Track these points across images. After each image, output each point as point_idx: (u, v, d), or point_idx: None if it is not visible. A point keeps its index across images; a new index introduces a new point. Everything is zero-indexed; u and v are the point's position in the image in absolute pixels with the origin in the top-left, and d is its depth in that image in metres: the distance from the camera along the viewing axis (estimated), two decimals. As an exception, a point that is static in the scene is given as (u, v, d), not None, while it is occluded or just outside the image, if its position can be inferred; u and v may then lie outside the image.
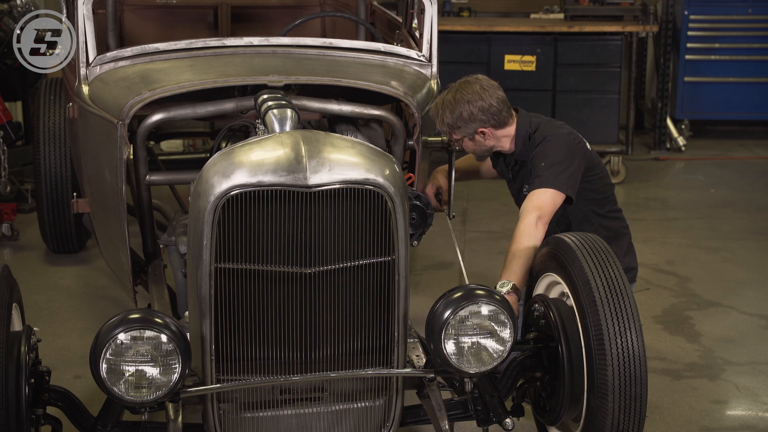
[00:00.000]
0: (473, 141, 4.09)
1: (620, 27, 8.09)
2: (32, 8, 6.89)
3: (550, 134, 4.08)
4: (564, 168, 3.97)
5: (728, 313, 5.34)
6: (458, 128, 4.02)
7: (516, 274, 3.76)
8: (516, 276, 3.75)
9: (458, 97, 3.99)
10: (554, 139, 4.06)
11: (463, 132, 4.04)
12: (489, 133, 4.07)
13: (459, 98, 3.99)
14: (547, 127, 4.13)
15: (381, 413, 3.33)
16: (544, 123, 4.16)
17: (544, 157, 4.01)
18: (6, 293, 3.24)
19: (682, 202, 7.37)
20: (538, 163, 4.02)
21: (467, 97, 3.99)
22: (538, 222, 3.87)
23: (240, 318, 3.13)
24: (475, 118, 4.00)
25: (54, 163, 5.78)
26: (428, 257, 6.09)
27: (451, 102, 3.99)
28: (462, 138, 4.07)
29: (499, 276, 3.79)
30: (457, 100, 3.99)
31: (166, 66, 3.98)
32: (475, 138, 4.07)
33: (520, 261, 3.78)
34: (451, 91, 4.03)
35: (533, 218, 3.87)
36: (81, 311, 5.31)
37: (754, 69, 8.98)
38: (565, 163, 3.99)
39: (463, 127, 4.02)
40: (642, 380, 3.25)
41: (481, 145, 4.12)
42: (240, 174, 3.02)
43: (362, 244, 3.14)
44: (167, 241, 3.87)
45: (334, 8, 6.26)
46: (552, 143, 4.04)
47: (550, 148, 4.03)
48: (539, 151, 4.04)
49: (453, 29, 8.09)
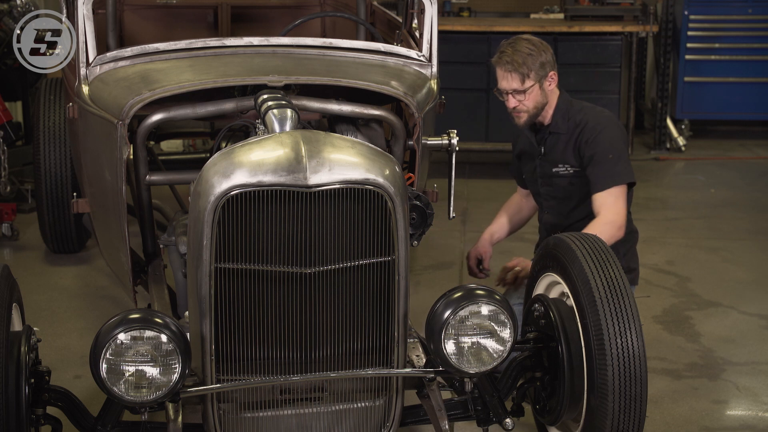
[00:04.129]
0: (541, 89, 4.23)
1: (620, 27, 8.09)
2: (32, 8, 6.89)
3: (603, 120, 4.28)
4: (626, 156, 4.26)
5: (728, 313, 5.34)
6: (534, 72, 4.19)
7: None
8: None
9: (532, 48, 4.20)
10: (610, 125, 4.28)
11: (538, 76, 4.20)
12: (554, 78, 4.27)
13: (533, 48, 4.20)
14: (589, 109, 4.34)
15: (381, 413, 3.33)
16: (576, 101, 4.38)
17: (606, 149, 4.20)
18: (6, 293, 3.24)
19: (682, 202, 7.37)
20: (603, 153, 4.19)
21: (539, 46, 4.23)
22: (610, 224, 4.11)
23: (240, 318, 3.13)
24: (548, 61, 4.24)
25: (54, 163, 5.78)
26: (428, 257, 6.09)
27: (528, 49, 4.19)
28: (532, 86, 4.20)
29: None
30: (535, 46, 4.21)
31: (166, 66, 3.98)
32: (543, 85, 4.23)
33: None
34: (515, 45, 4.21)
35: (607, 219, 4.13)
36: (81, 311, 5.31)
37: (754, 69, 8.98)
38: (625, 150, 4.28)
39: (538, 70, 4.20)
40: (642, 380, 3.25)
41: (543, 98, 4.26)
42: (240, 174, 3.02)
43: (362, 244, 3.14)
44: (167, 241, 3.87)
45: (334, 8, 6.26)
46: (611, 131, 4.25)
47: (611, 136, 4.24)
48: (602, 139, 4.21)
49: (453, 29, 8.09)
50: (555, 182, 4.37)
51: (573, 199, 4.36)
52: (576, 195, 4.35)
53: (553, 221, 4.44)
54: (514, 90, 4.23)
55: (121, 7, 6.14)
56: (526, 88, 4.21)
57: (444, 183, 4.19)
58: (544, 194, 4.43)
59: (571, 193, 4.36)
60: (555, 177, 4.36)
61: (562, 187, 4.36)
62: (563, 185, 4.35)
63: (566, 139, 4.30)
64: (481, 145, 8.18)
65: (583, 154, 4.24)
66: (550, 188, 4.40)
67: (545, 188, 4.41)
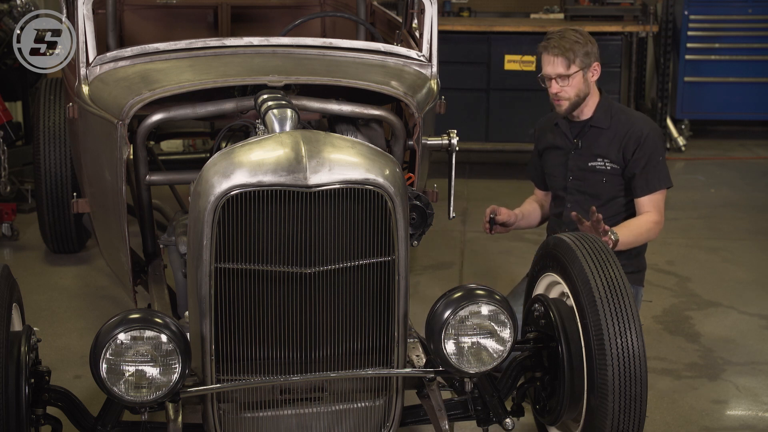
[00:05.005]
0: (584, 78, 4.30)
1: (620, 27, 8.08)
2: (32, 8, 6.88)
3: (649, 126, 4.38)
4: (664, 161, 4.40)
5: (728, 313, 5.34)
6: (580, 59, 4.27)
7: (625, 236, 4.16)
8: (624, 236, 4.16)
9: (579, 36, 4.31)
10: (655, 129, 4.40)
11: (583, 63, 4.28)
12: (597, 69, 4.35)
13: (580, 36, 4.30)
14: (630, 111, 4.52)
15: (381, 413, 3.33)
16: (617, 103, 4.60)
17: (654, 153, 4.31)
18: (6, 293, 3.24)
19: (682, 202, 7.36)
20: (651, 158, 4.30)
21: (586, 36, 4.34)
22: (657, 224, 4.31)
23: (240, 318, 3.13)
24: (593, 52, 4.33)
25: (54, 163, 5.78)
26: (428, 257, 6.09)
27: (575, 37, 4.29)
28: (576, 73, 4.27)
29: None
30: (582, 36, 4.31)
31: (166, 66, 3.98)
32: (587, 74, 4.31)
33: (633, 233, 4.22)
34: (563, 33, 4.31)
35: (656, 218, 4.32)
36: (81, 311, 5.31)
37: (754, 69, 8.97)
38: (664, 155, 4.42)
39: (583, 58, 4.28)
40: (642, 380, 3.25)
41: (585, 87, 4.33)
42: (240, 174, 3.02)
43: (362, 244, 3.14)
44: (167, 241, 3.87)
45: (334, 8, 6.26)
46: (658, 135, 4.39)
47: (657, 142, 4.35)
48: (652, 142, 4.31)
49: (453, 29, 8.08)
50: (588, 177, 4.38)
51: (601, 198, 4.38)
52: (606, 194, 4.38)
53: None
54: (558, 75, 4.28)
55: (121, 7, 6.14)
56: (570, 73, 4.26)
57: (444, 183, 4.19)
58: (572, 188, 4.43)
59: (602, 191, 4.38)
60: (590, 171, 4.38)
61: (594, 183, 4.38)
62: (596, 181, 4.38)
63: (610, 135, 4.35)
64: (481, 145, 8.18)
65: (633, 156, 4.29)
66: (580, 182, 4.41)
67: (575, 182, 4.41)
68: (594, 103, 4.40)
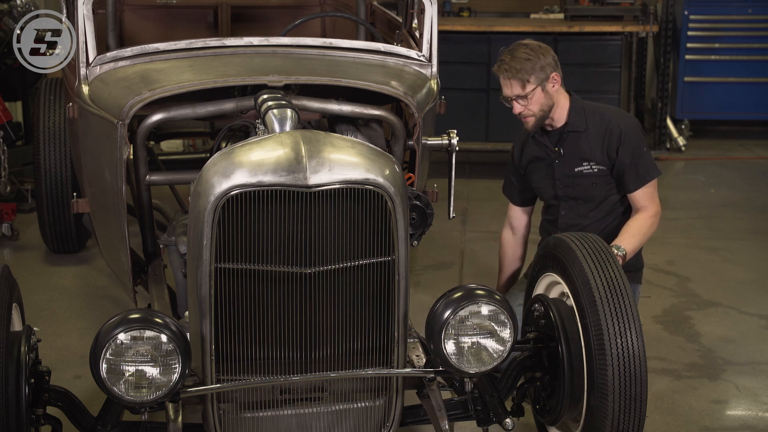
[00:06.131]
0: (544, 91, 4.24)
1: (620, 27, 8.09)
2: (32, 8, 6.88)
3: (626, 120, 4.37)
4: (649, 150, 4.39)
5: (728, 313, 5.34)
6: (534, 76, 4.21)
7: (631, 244, 4.20)
8: (630, 245, 4.20)
9: (530, 52, 4.23)
10: (631, 120, 4.41)
11: (539, 79, 4.22)
12: (557, 79, 4.27)
13: (531, 52, 4.23)
14: (605, 108, 4.46)
15: (381, 413, 3.33)
16: (587, 101, 4.46)
17: (638, 146, 4.31)
18: (6, 293, 3.24)
19: (682, 202, 7.37)
20: (636, 152, 4.28)
21: (537, 50, 4.25)
22: (656, 216, 4.32)
23: (240, 318, 3.13)
24: (548, 63, 4.25)
25: (54, 163, 5.78)
26: (428, 257, 6.09)
27: (526, 54, 4.22)
28: (534, 90, 4.21)
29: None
30: (533, 51, 4.23)
31: (166, 66, 3.98)
32: (546, 87, 4.24)
33: (637, 237, 4.23)
34: (514, 51, 4.25)
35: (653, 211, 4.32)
36: (81, 311, 5.31)
37: (754, 69, 8.98)
38: (647, 145, 4.41)
39: (538, 73, 4.22)
40: (642, 380, 3.25)
41: (548, 100, 4.27)
42: (240, 174, 3.02)
43: (362, 244, 3.14)
44: (167, 241, 3.87)
45: (334, 8, 6.26)
46: (636, 126, 4.37)
47: (637, 135, 4.33)
48: (633, 136, 4.30)
49: (453, 29, 8.09)
50: (577, 182, 4.37)
51: (594, 201, 4.38)
52: (598, 196, 4.37)
53: (571, 222, 4.42)
54: (516, 96, 4.25)
55: (121, 7, 6.14)
56: (527, 93, 4.22)
57: (444, 183, 4.19)
58: (563, 196, 4.42)
59: (594, 194, 4.37)
60: (577, 177, 4.36)
61: (585, 187, 4.37)
62: (586, 185, 4.36)
63: (589, 136, 4.33)
64: (481, 145, 8.19)
65: (617, 154, 4.28)
66: (570, 189, 4.40)
67: (565, 190, 4.40)
68: (565, 108, 4.35)
